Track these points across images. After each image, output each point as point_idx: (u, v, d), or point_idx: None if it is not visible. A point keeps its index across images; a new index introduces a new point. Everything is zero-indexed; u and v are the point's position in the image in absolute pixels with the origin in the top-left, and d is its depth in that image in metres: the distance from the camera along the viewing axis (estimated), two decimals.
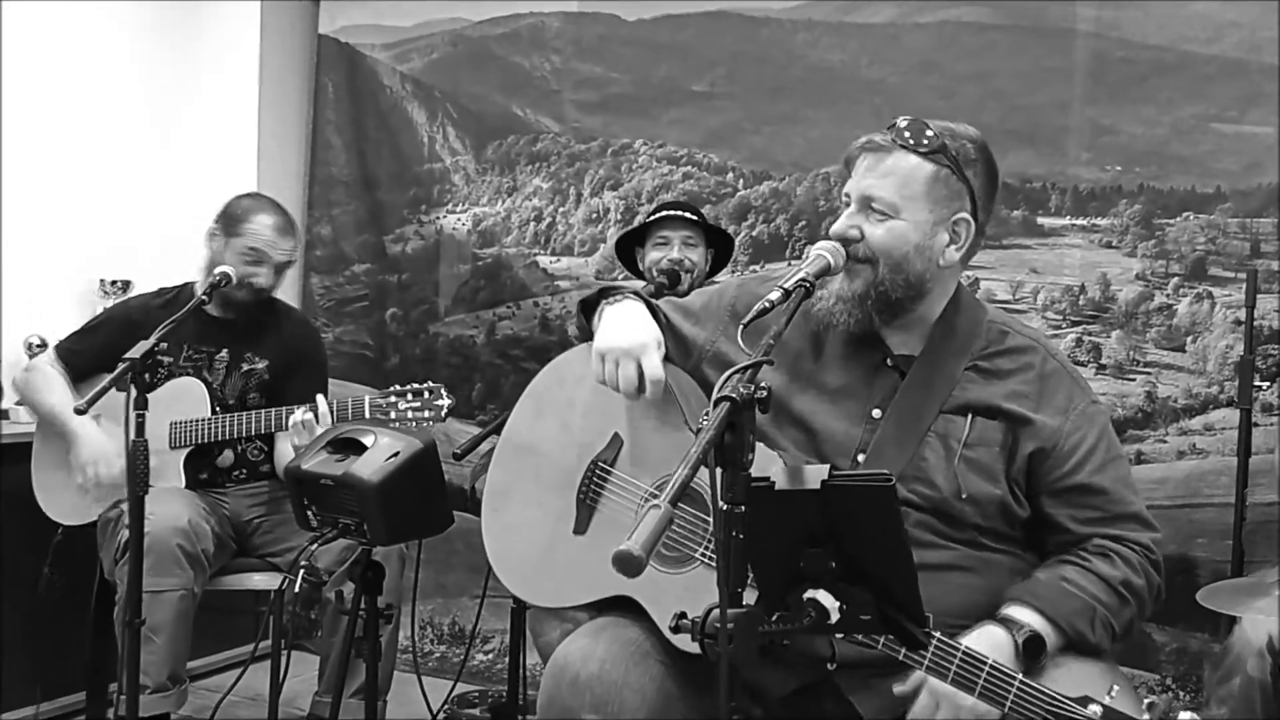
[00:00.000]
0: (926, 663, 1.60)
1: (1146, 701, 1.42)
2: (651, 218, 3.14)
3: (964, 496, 1.76)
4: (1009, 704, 1.53)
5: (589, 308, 2.06)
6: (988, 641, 1.65)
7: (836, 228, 1.80)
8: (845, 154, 1.84)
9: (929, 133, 1.77)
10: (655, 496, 1.87)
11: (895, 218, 1.77)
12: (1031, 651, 1.65)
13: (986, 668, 1.57)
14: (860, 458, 1.80)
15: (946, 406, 1.81)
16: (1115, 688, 1.48)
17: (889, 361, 1.86)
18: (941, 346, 1.85)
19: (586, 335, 2.04)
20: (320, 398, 2.96)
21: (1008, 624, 1.67)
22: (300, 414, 2.93)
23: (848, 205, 1.82)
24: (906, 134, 1.77)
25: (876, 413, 1.83)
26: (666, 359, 1.92)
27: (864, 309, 1.79)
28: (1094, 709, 1.43)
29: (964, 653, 1.59)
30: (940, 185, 1.78)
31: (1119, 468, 1.84)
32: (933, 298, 1.85)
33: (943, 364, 1.83)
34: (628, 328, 1.90)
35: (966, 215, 1.81)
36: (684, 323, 2.02)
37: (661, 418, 1.92)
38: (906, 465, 1.77)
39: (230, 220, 3.11)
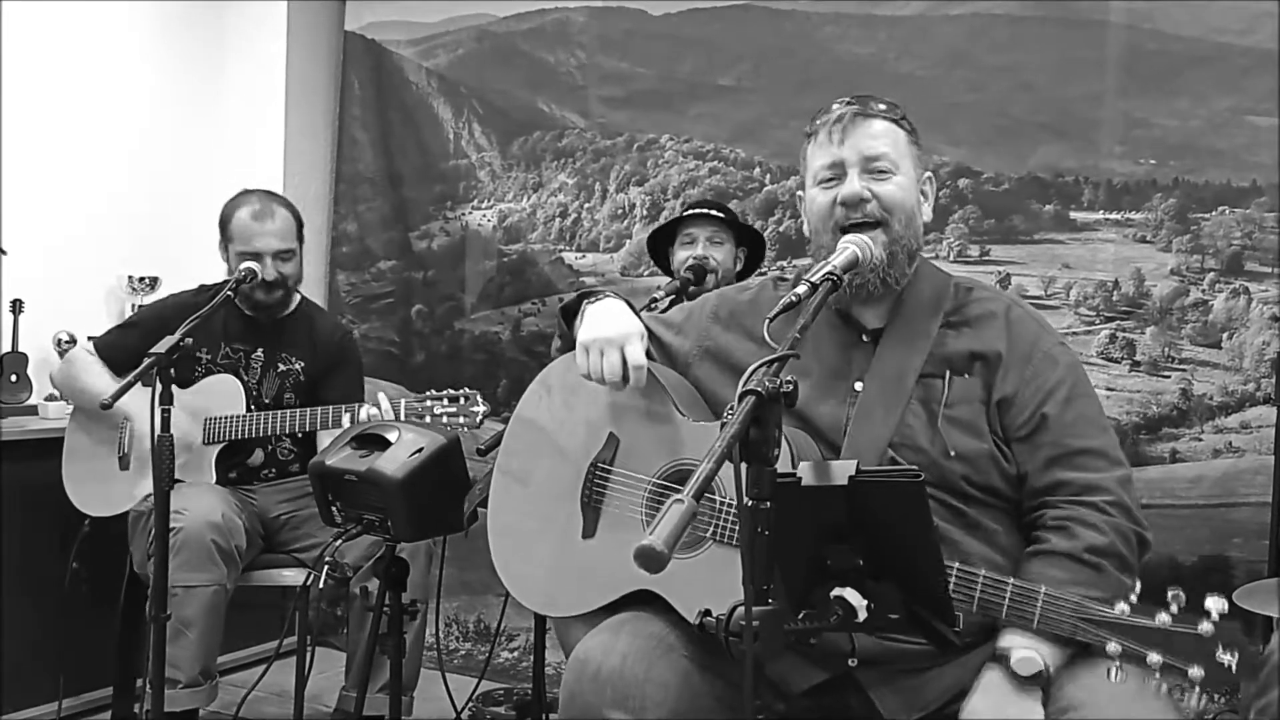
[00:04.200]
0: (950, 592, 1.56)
1: (1171, 593, 1.41)
2: (679, 215, 3.14)
3: (951, 455, 1.75)
4: (1036, 619, 1.51)
5: (569, 315, 2.07)
6: (990, 685, 1.60)
7: (850, 189, 1.80)
8: (815, 133, 1.86)
9: (881, 105, 1.86)
10: (662, 488, 1.88)
11: (897, 174, 1.82)
12: (1029, 669, 1.59)
13: (1009, 588, 1.55)
14: (848, 431, 1.80)
15: (926, 366, 1.82)
16: (1139, 585, 1.46)
17: (864, 337, 1.88)
18: (912, 309, 1.86)
19: (568, 343, 2.05)
20: (381, 395, 2.98)
21: (999, 659, 1.62)
22: (368, 410, 2.95)
23: (832, 177, 1.83)
24: (872, 104, 1.85)
25: (859, 385, 1.84)
26: (651, 358, 1.95)
27: (896, 267, 1.81)
28: (1121, 607, 1.41)
29: (984, 579, 1.56)
30: (912, 147, 1.87)
31: (1083, 405, 1.80)
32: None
33: (915, 325, 1.85)
34: (610, 320, 1.90)
35: (930, 174, 1.92)
36: (666, 333, 2.05)
37: (651, 410, 1.93)
38: (894, 431, 1.78)
39: (222, 226, 3.14)
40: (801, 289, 1.58)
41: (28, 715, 3.29)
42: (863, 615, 1.35)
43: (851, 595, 1.35)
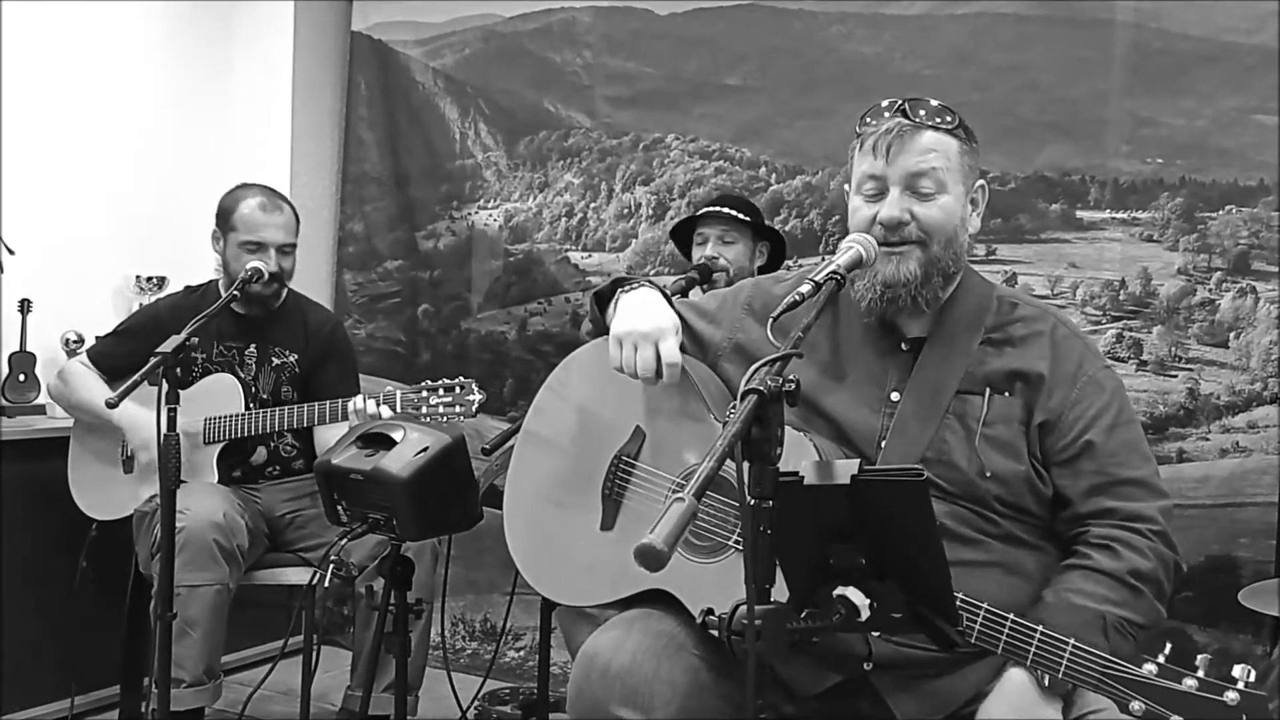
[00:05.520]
0: (976, 636, 1.57)
1: (1200, 657, 1.41)
2: (694, 213, 3.14)
3: (988, 475, 1.73)
4: (1063, 669, 1.50)
5: (603, 300, 2.05)
6: (1009, 687, 1.61)
7: (889, 214, 1.75)
8: (864, 138, 1.80)
9: (934, 104, 1.80)
10: (682, 488, 1.86)
11: (944, 194, 1.76)
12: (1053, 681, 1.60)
13: (1037, 635, 1.53)
14: (883, 444, 1.77)
15: (964, 383, 1.79)
16: (1169, 645, 1.45)
17: (904, 346, 1.84)
18: (953, 323, 1.83)
19: (599, 329, 2.02)
20: (371, 400, 2.96)
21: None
22: (362, 401, 2.93)
23: (875, 191, 1.78)
24: (923, 113, 1.78)
25: (895, 396, 1.81)
26: (683, 351, 1.91)
27: (929, 287, 1.77)
28: (1149, 667, 1.41)
29: (1012, 623, 1.55)
30: (966, 158, 1.80)
31: (1127, 432, 1.78)
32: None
33: (956, 340, 1.82)
34: (645, 313, 1.88)
35: (983, 182, 1.86)
36: (699, 321, 2.01)
37: (682, 408, 1.91)
38: (928, 446, 1.75)
39: (222, 216, 3.14)
40: (805, 288, 1.57)
41: (34, 714, 3.30)
42: (865, 614, 1.35)
43: (854, 594, 1.35)
